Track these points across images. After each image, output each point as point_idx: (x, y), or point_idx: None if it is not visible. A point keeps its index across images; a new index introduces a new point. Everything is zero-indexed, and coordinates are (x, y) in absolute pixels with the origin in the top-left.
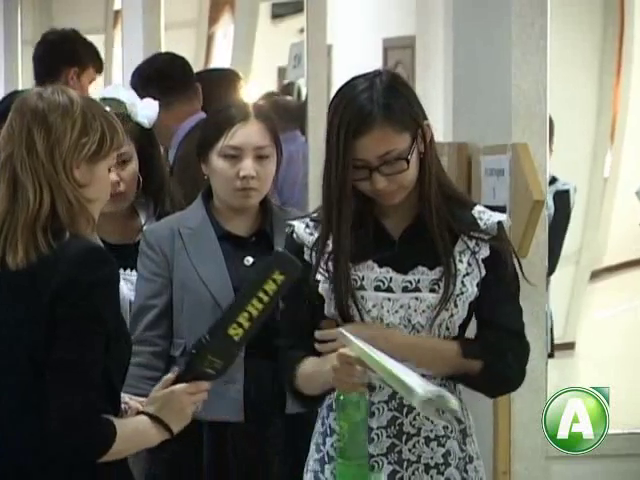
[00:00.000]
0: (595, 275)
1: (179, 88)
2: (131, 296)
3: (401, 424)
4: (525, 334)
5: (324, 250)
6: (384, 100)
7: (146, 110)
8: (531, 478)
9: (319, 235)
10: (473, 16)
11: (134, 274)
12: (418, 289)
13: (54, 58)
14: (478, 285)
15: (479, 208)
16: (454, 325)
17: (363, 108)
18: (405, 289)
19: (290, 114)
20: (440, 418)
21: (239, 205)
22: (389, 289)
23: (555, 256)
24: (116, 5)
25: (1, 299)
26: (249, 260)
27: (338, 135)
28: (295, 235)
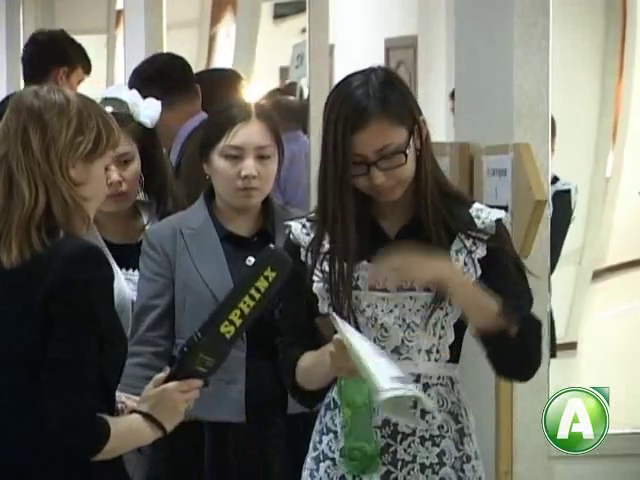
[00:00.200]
0: (597, 275)
1: (181, 88)
2: (133, 296)
3: (396, 424)
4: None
5: (319, 250)
6: (380, 94)
7: (148, 110)
8: (533, 478)
9: (314, 235)
10: (475, 16)
11: (136, 274)
12: (413, 288)
13: (43, 58)
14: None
15: (477, 206)
16: (449, 324)
17: (360, 103)
18: (400, 288)
19: (292, 114)
20: (404, 419)
21: (241, 205)
22: (384, 288)
23: (554, 256)
24: (118, 5)
25: None
26: (251, 260)
27: (336, 131)
28: (292, 236)
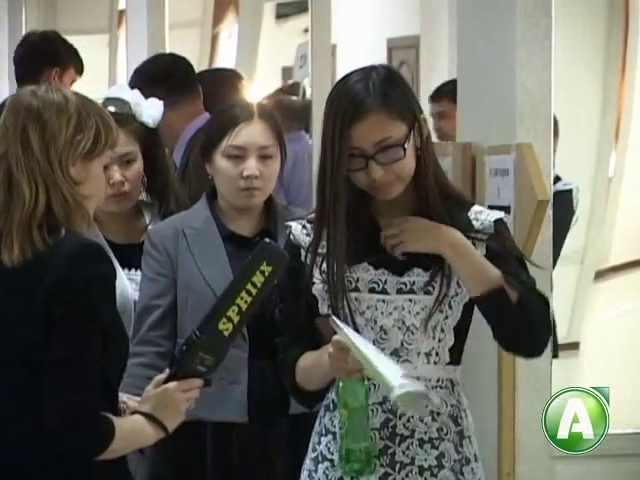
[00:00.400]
0: (600, 275)
1: (183, 88)
2: (135, 296)
3: (394, 426)
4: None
5: (318, 251)
6: (380, 89)
7: (151, 110)
8: (535, 479)
9: (313, 235)
10: (477, 16)
11: (139, 274)
12: (413, 291)
13: (35, 59)
14: None
15: (476, 208)
16: (449, 327)
17: (358, 96)
18: (400, 291)
19: (295, 114)
20: (417, 411)
21: (243, 205)
22: (384, 291)
23: (554, 255)
24: (120, 5)
25: None
26: None
27: (334, 124)
28: (292, 237)
